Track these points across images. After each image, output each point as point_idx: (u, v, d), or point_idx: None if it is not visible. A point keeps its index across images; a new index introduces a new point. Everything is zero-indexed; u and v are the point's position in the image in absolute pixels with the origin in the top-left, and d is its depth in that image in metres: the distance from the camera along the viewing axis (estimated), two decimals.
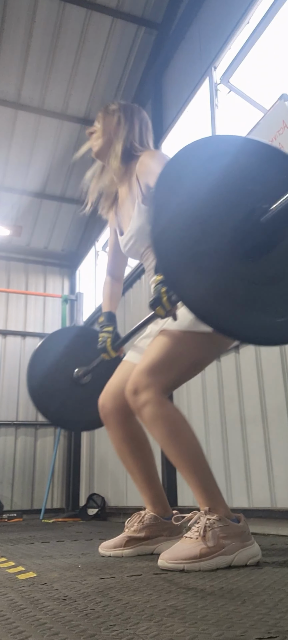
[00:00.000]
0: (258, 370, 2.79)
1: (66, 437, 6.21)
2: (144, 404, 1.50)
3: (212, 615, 0.85)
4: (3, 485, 5.74)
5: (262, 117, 2.82)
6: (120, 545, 1.71)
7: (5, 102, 5.07)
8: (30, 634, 0.76)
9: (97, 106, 5.29)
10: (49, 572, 1.40)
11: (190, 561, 1.33)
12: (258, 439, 2.71)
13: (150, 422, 1.51)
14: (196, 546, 1.35)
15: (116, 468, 4.76)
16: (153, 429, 1.51)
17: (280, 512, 2.44)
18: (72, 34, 4.65)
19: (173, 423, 1.50)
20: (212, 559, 1.34)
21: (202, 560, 1.33)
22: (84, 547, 2.12)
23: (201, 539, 1.36)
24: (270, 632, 0.73)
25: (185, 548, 1.36)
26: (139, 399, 1.51)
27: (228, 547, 1.37)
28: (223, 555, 1.36)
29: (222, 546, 1.37)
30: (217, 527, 1.38)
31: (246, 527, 1.46)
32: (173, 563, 1.34)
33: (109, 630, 0.77)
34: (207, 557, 1.34)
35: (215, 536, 1.37)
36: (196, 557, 1.33)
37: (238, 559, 1.38)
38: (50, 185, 5.96)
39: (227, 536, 1.39)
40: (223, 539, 1.38)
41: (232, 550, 1.38)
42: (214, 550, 1.35)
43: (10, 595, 1.08)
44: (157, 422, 1.50)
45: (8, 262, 6.57)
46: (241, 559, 1.38)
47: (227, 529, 1.40)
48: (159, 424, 1.50)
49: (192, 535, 1.39)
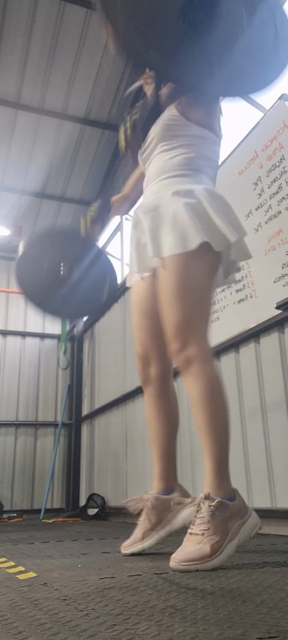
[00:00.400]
0: (258, 370, 2.79)
1: (66, 437, 6.21)
2: (192, 359, 1.52)
3: (213, 615, 0.85)
4: (3, 485, 5.74)
5: (262, 117, 2.82)
6: (139, 539, 1.70)
7: (5, 102, 5.07)
8: (30, 634, 0.76)
9: (97, 106, 5.29)
10: (49, 572, 1.40)
11: (203, 561, 1.32)
12: (258, 438, 2.71)
13: (194, 377, 1.52)
14: (205, 543, 1.35)
15: (116, 468, 4.76)
16: (195, 384, 1.52)
17: (280, 512, 2.44)
18: (72, 33, 4.64)
19: (214, 386, 1.53)
20: (222, 552, 1.35)
21: (214, 557, 1.34)
22: (84, 547, 2.12)
23: (207, 534, 1.36)
24: (270, 631, 0.73)
25: (196, 548, 1.35)
26: (187, 355, 1.53)
27: (232, 530, 1.40)
28: (229, 542, 1.38)
29: (227, 533, 1.38)
30: (219, 514, 1.39)
31: (242, 501, 1.48)
32: (187, 565, 1.32)
33: (109, 630, 0.77)
34: (218, 552, 1.34)
35: (219, 525, 1.37)
36: (208, 556, 1.33)
37: (242, 537, 1.41)
38: (50, 185, 5.96)
39: (229, 518, 1.40)
40: (226, 523, 1.39)
41: (236, 531, 1.40)
42: (222, 542, 1.36)
43: (10, 595, 1.08)
44: (200, 378, 1.51)
45: (8, 262, 6.57)
46: (244, 535, 1.42)
47: (227, 511, 1.41)
48: (202, 381, 1.51)
49: (197, 530, 1.38)
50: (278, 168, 2.62)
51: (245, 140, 2.88)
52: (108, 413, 5.14)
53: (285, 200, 2.57)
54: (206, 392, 1.51)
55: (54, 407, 6.27)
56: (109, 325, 5.40)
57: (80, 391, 6.11)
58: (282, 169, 2.59)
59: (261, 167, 2.74)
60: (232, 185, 2.96)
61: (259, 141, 2.75)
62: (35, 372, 6.28)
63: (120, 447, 4.70)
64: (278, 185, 2.61)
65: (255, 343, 2.84)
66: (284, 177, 2.58)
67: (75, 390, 6.12)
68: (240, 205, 2.91)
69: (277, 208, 2.62)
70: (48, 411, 6.22)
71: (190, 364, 1.53)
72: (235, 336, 2.96)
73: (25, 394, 6.15)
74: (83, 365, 6.16)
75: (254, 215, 2.79)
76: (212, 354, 1.60)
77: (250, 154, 2.80)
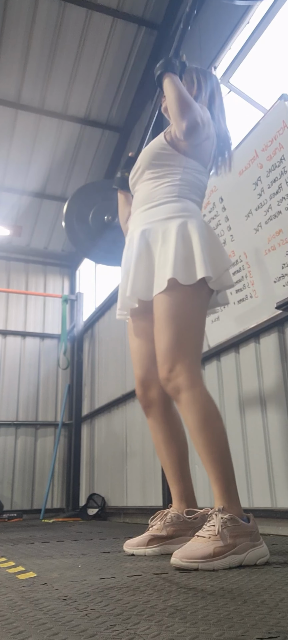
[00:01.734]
0: (258, 370, 2.79)
1: (66, 437, 6.21)
2: (183, 388, 1.55)
3: (213, 615, 0.85)
4: (3, 485, 5.73)
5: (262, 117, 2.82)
6: (144, 544, 1.69)
7: (6, 102, 5.07)
8: (30, 634, 0.76)
9: (97, 106, 5.29)
10: (49, 572, 1.40)
11: (205, 560, 1.33)
12: (259, 438, 2.71)
13: (187, 406, 1.54)
14: (209, 545, 1.35)
15: (116, 468, 4.76)
16: (188, 413, 1.54)
17: (281, 512, 2.44)
18: (72, 34, 4.64)
19: (207, 411, 1.54)
20: (225, 557, 1.35)
21: (216, 559, 1.34)
22: (84, 547, 2.12)
23: (214, 538, 1.36)
24: (271, 632, 0.73)
25: (199, 547, 1.36)
26: (177, 384, 1.56)
27: (240, 546, 1.39)
28: (235, 554, 1.37)
29: (234, 545, 1.38)
30: (229, 526, 1.39)
31: (255, 527, 1.47)
32: (188, 562, 1.33)
33: (109, 630, 0.77)
34: (220, 556, 1.34)
35: (227, 535, 1.38)
36: (210, 556, 1.33)
37: (248, 558, 1.39)
38: (50, 185, 5.96)
39: (238, 535, 1.40)
40: (235, 538, 1.39)
41: (243, 549, 1.39)
42: (227, 550, 1.36)
43: (10, 595, 1.08)
44: (194, 407, 1.53)
45: (8, 262, 6.57)
46: (251, 558, 1.40)
47: (238, 528, 1.41)
48: (195, 409, 1.53)
49: (204, 534, 1.39)
50: (278, 168, 2.62)
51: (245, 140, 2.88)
52: (108, 413, 5.14)
53: (285, 200, 2.57)
54: (200, 421, 1.52)
55: (54, 407, 6.27)
56: (109, 325, 5.40)
57: (80, 391, 6.11)
58: (282, 169, 2.59)
59: (261, 167, 2.74)
60: (232, 185, 2.96)
61: (259, 141, 2.75)
62: (35, 372, 6.28)
63: (120, 447, 4.70)
64: (278, 185, 2.61)
65: (255, 343, 2.84)
66: (284, 177, 2.58)
67: (75, 390, 6.12)
68: (240, 205, 2.91)
69: (277, 208, 2.62)
70: (48, 411, 6.22)
71: (178, 392, 1.56)
72: (235, 336, 2.96)
73: (25, 394, 6.15)
74: (83, 365, 6.16)
75: (254, 215, 2.79)
76: (201, 378, 1.61)
77: (250, 154, 2.80)
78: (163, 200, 1.73)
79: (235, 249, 2.96)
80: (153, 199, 1.75)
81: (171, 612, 0.87)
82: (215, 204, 3.13)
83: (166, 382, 1.60)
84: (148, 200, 1.77)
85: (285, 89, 2.66)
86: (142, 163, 1.82)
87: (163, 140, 1.78)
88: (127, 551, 1.73)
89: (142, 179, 1.82)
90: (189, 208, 1.73)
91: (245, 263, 2.89)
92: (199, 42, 3.98)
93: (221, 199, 3.09)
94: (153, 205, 1.75)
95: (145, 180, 1.81)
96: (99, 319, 5.74)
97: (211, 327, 3.18)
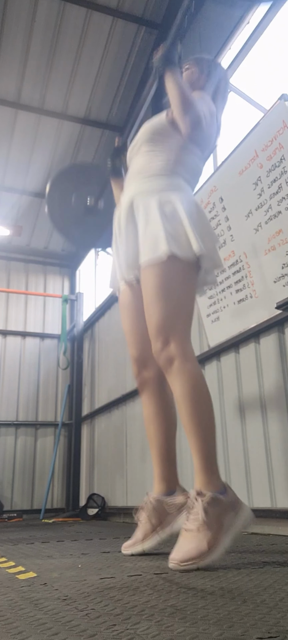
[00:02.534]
0: (258, 370, 2.79)
1: (66, 437, 6.21)
2: (173, 357, 1.57)
3: (213, 614, 0.85)
4: (3, 485, 5.74)
5: (262, 117, 2.82)
6: (139, 541, 1.70)
7: (5, 102, 5.07)
8: (30, 634, 0.76)
9: (97, 106, 5.29)
10: (49, 572, 1.40)
11: (202, 558, 1.33)
12: (258, 438, 2.71)
13: (176, 375, 1.56)
14: (202, 539, 1.36)
15: (116, 468, 4.76)
16: (177, 382, 1.55)
17: (280, 512, 2.44)
18: (72, 33, 4.64)
19: (197, 382, 1.55)
20: (218, 545, 1.37)
21: (212, 552, 1.35)
22: (84, 547, 2.12)
23: (202, 529, 1.37)
24: (270, 631, 0.73)
25: (193, 545, 1.35)
26: (169, 355, 1.57)
27: (226, 524, 1.41)
28: (224, 535, 1.39)
29: (221, 526, 1.40)
30: (212, 509, 1.41)
31: (233, 494, 1.50)
32: (187, 565, 1.33)
33: (109, 630, 0.77)
34: (214, 546, 1.36)
35: (212, 520, 1.39)
36: (206, 551, 1.34)
37: (235, 529, 1.43)
38: None
39: (221, 513, 1.42)
40: (219, 518, 1.41)
41: (229, 524, 1.42)
42: (217, 535, 1.37)
43: (10, 595, 1.08)
44: (182, 376, 1.54)
45: (8, 262, 6.57)
46: (238, 527, 1.44)
47: (220, 506, 1.43)
48: (184, 379, 1.54)
49: (191, 526, 1.39)
50: (278, 168, 2.62)
51: (245, 140, 2.88)
52: (108, 413, 5.14)
53: (285, 200, 2.57)
54: (189, 390, 1.53)
55: (54, 407, 6.27)
56: (109, 325, 5.40)
57: (80, 391, 6.11)
58: (282, 169, 2.59)
59: (261, 167, 2.74)
60: (232, 185, 2.96)
61: (259, 141, 2.75)
62: (35, 372, 6.28)
63: (120, 447, 4.70)
64: (278, 185, 2.61)
65: (255, 343, 2.84)
66: (284, 177, 2.58)
67: (75, 390, 6.12)
68: (240, 205, 2.91)
69: (277, 208, 2.62)
70: (48, 411, 6.22)
71: (171, 363, 1.57)
72: (235, 336, 2.96)
73: (25, 394, 6.14)
74: (83, 365, 6.16)
75: (254, 215, 2.79)
76: (193, 353, 1.63)
77: (250, 154, 2.80)
78: (154, 173, 1.75)
79: (235, 249, 2.96)
80: (146, 172, 1.77)
81: (171, 612, 0.87)
82: (215, 204, 3.13)
83: (159, 353, 1.61)
84: (140, 172, 1.78)
85: (285, 89, 2.66)
86: (141, 137, 1.84)
87: (164, 119, 1.79)
88: (126, 553, 1.73)
89: (139, 153, 1.84)
90: (179, 184, 1.74)
91: (245, 263, 2.89)
92: (199, 42, 3.98)
93: (221, 199, 3.09)
94: (145, 176, 1.76)
95: (141, 154, 1.82)
96: (99, 319, 5.74)
97: (211, 327, 3.18)
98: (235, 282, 2.94)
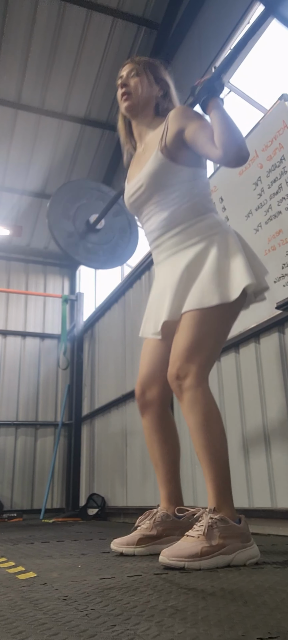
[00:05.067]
0: (258, 370, 2.79)
1: (66, 437, 6.21)
2: (188, 388, 1.56)
3: (213, 615, 0.84)
4: (3, 485, 5.73)
5: (262, 117, 2.82)
6: (133, 543, 1.69)
7: (6, 102, 5.07)
8: (30, 634, 0.76)
9: (97, 106, 5.29)
10: (49, 572, 1.40)
11: (191, 559, 1.34)
12: (259, 438, 2.71)
13: (189, 406, 1.55)
14: (198, 544, 1.36)
15: (116, 468, 4.76)
16: (191, 413, 1.55)
17: (281, 512, 2.44)
18: (72, 34, 4.64)
19: (209, 412, 1.55)
20: (212, 557, 1.35)
21: (203, 559, 1.34)
22: (84, 547, 2.12)
23: (202, 538, 1.37)
24: (271, 632, 0.73)
25: (187, 546, 1.37)
26: (183, 384, 1.57)
27: (229, 547, 1.39)
28: (223, 555, 1.37)
29: (222, 545, 1.38)
30: (219, 527, 1.40)
31: (246, 528, 1.47)
32: (175, 560, 1.34)
33: (109, 631, 0.77)
34: (207, 555, 1.35)
35: (216, 535, 1.38)
36: (197, 555, 1.34)
37: (237, 559, 1.39)
38: (50, 185, 5.96)
39: (228, 536, 1.40)
40: (224, 539, 1.39)
41: (232, 550, 1.39)
42: (215, 550, 1.36)
43: (10, 595, 1.08)
44: (195, 408, 1.54)
45: (8, 262, 6.57)
46: (240, 559, 1.40)
47: (228, 529, 1.41)
48: (197, 410, 1.54)
49: (193, 533, 1.40)
50: (278, 168, 2.62)
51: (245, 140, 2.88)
52: (108, 413, 5.14)
53: (285, 201, 2.57)
54: (201, 419, 1.53)
55: (54, 407, 6.26)
56: (109, 325, 5.40)
57: (80, 391, 6.10)
58: (282, 169, 2.59)
59: (261, 167, 2.74)
60: (232, 185, 2.96)
61: (259, 141, 2.75)
62: (35, 372, 6.28)
63: (120, 447, 4.70)
64: (279, 185, 2.61)
65: (255, 343, 2.84)
66: (284, 177, 2.58)
67: (75, 390, 6.12)
68: (240, 205, 2.91)
69: (277, 208, 2.62)
70: (48, 411, 6.22)
71: (183, 391, 1.57)
72: (235, 336, 2.96)
73: (25, 394, 6.14)
74: (83, 365, 6.16)
75: (254, 215, 2.79)
76: (207, 382, 1.60)
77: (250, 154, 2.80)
78: (191, 222, 1.68)
79: None
80: (180, 223, 1.69)
81: (171, 613, 0.87)
82: (215, 204, 3.13)
83: (173, 378, 1.59)
84: (172, 225, 1.71)
85: (285, 89, 2.66)
86: (148, 188, 1.73)
87: (161, 156, 1.69)
88: (116, 550, 1.72)
89: (151, 202, 1.75)
90: (220, 222, 1.70)
91: None
92: (199, 42, 3.98)
93: (221, 199, 3.09)
94: (182, 229, 1.69)
95: (156, 203, 1.74)
96: (99, 319, 5.74)
97: None
98: None
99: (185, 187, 1.70)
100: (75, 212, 2.74)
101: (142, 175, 1.75)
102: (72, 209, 2.73)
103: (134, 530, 1.75)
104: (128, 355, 4.66)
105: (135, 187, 1.79)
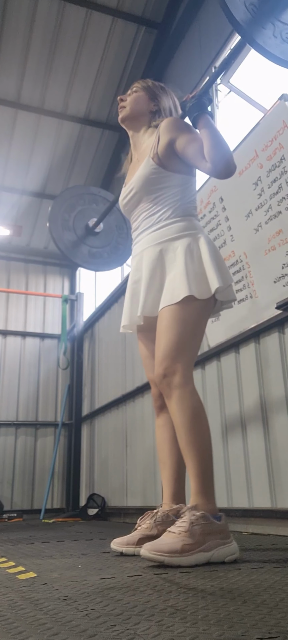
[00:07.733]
0: (258, 370, 2.79)
1: (66, 437, 6.21)
2: (176, 386, 1.62)
3: (213, 615, 0.85)
4: (3, 485, 5.73)
5: (262, 117, 2.82)
6: (133, 543, 1.70)
7: (5, 102, 5.07)
8: (30, 634, 0.76)
9: (97, 106, 5.29)
10: (49, 572, 1.40)
11: (171, 555, 1.37)
12: (259, 438, 2.71)
13: (178, 404, 1.61)
14: (178, 541, 1.40)
15: (116, 468, 4.76)
16: (179, 411, 1.61)
17: (281, 512, 2.44)
18: (72, 33, 4.65)
19: (196, 411, 1.61)
20: (191, 555, 1.39)
21: (183, 555, 1.38)
22: (84, 547, 2.12)
23: (184, 535, 1.41)
24: (271, 632, 0.73)
25: (168, 542, 1.41)
26: (172, 382, 1.63)
27: (208, 544, 1.43)
28: (202, 552, 1.41)
29: (202, 542, 1.42)
30: (200, 524, 1.44)
31: (226, 526, 1.53)
32: (155, 554, 1.38)
33: (109, 631, 0.77)
34: (187, 552, 1.39)
35: (196, 533, 1.42)
36: (177, 552, 1.38)
37: (216, 555, 1.44)
38: (50, 185, 5.96)
39: (208, 533, 1.44)
40: (204, 536, 1.43)
41: (211, 547, 1.44)
42: (195, 547, 1.40)
43: (10, 595, 1.08)
44: (183, 406, 1.60)
45: (8, 262, 6.57)
46: (219, 555, 1.44)
47: (209, 526, 1.46)
48: (185, 408, 1.60)
49: (175, 530, 1.44)
50: (278, 168, 2.62)
51: (245, 140, 2.88)
52: (108, 413, 5.14)
53: (285, 200, 2.57)
54: (188, 417, 1.59)
55: (54, 407, 6.27)
56: (109, 325, 5.40)
57: (80, 391, 6.11)
58: (282, 169, 2.59)
59: (261, 167, 2.74)
60: (232, 185, 2.96)
61: (259, 141, 2.75)
62: (35, 372, 6.28)
63: (120, 447, 4.70)
64: (279, 185, 2.61)
65: (255, 343, 2.84)
66: (284, 177, 2.58)
67: (75, 390, 6.12)
68: (240, 205, 2.91)
69: (277, 208, 2.62)
70: (48, 411, 6.22)
71: (172, 390, 1.63)
72: (235, 336, 2.96)
73: (25, 394, 6.14)
74: (83, 365, 6.16)
75: (254, 215, 2.79)
76: (194, 384, 1.68)
77: (250, 154, 2.80)
78: (169, 222, 1.79)
79: (235, 249, 2.96)
80: (159, 222, 1.81)
81: (171, 612, 0.87)
82: (215, 204, 3.13)
83: (161, 378, 1.66)
84: (153, 223, 1.82)
85: (285, 89, 2.66)
86: (138, 191, 1.86)
87: (152, 163, 1.82)
88: (116, 550, 1.73)
89: (141, 205, 1.88)
90: (196, 225, 1.81)
91: (245, 263, 2.89)
92: (199, 42, 3.98)
93: (221, 199, 3.09)
94: (160, 227, 1.80)
95: (144, 204, 1.86)
96: (99, 319, 5.74)
97: (211, 327, 3.17)
98: (235, 282, 2.94)
99: (173, 191, 1.82)
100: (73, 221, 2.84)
101: (134, 179, 1.89)
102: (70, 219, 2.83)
103: (134, 530, 1.75)
104: (128, 355, 4.66)
105: (128, 191, 1.92)
